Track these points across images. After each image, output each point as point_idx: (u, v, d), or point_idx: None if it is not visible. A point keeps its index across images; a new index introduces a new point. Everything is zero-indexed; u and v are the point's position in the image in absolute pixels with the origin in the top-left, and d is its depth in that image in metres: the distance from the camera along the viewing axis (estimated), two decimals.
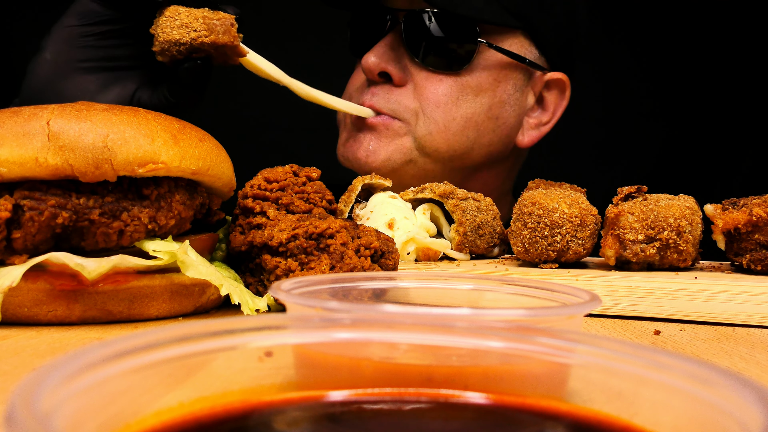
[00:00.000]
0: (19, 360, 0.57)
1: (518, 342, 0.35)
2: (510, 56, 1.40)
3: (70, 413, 0.27)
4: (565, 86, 1.49)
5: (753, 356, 0.65)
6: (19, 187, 0.69)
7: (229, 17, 0.97)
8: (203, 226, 0.85)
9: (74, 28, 1.03)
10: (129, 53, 1.05)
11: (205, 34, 0.94)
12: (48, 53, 1.03)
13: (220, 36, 0.95)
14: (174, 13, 0.95)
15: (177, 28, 0.95)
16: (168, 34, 0.95)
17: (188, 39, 0.94)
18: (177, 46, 0.95)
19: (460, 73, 1.38)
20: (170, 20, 0.95)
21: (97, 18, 1.03)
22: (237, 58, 1.00)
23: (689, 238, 0.92)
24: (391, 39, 1.38)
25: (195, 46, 0.95)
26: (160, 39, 0.95)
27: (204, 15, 0.95)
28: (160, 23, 0.96)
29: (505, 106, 1.44)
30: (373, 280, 0.56)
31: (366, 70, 1.37)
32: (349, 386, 0.37)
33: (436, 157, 1.41)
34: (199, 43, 0.95)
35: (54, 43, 1.04)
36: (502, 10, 1.35)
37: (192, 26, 0.95)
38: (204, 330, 0.34)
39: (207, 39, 0.95)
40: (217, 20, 0.95)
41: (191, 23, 0.95)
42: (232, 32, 0.96)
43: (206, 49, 0.96)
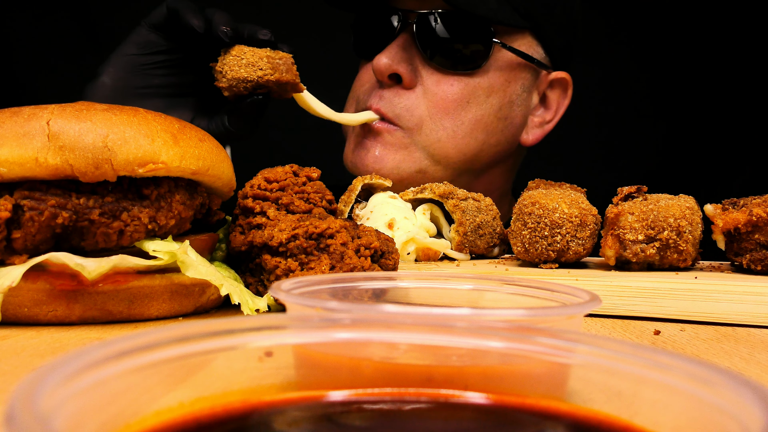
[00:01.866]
0: (19, 360, 0.57)
1: (518, 342, 0.35)
2: (521, 56, 1.41)
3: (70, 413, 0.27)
4: (567, 85, 1.51)
5: (753, 356, 0.65)
6: (19, 187, 0.69)
7: (289, 57, 1.05)
8: (203, 226, 0.85)
9: (133, 57, 1.09)
10: (185, 81, 1.12)
11: (270, 72, 1.02)
12: (107, 78, 1.09)
13: (283, 74, 1.03)
14: (240, 52, 1.03)
15: (244, 67, 1.02)
16: (236, 72, 1.02)
17: (255, 77, 1.02)
18: (244, 83, 1.03)
19: (472, 75, 1.38)
20: (237, 59, 1.02)
21: (155, 48, 1.09)
22: (293, 93, 1.09)
23: (689, 238, 0.92)
24: (403, 40, 1.37)
25: (261, 84, 1.03)
26: (228, 76, 1.03)
27: (267, 55, 1.03)
28: (227, 62, 1.03)
29: (513, 106, 1.45)
30: (373, 280, 0.56)
31: (377, 71, 1.36)
32: (349, 386, 0.37)
33: (447, 163, 1.41)
34: (265, 81, 1.03)
35: (113, 69, 1.09)
36: (512, 11, 1.36)
37: (258, 65, 1.02)
38: (204, 330, 0.34)
39: (272, 77, 1.03)
40: (280, 59, 1.03)
41: (257, 62, 1.02)
42: (294, 70, 1.05)
43: (270, 86, 1.04)
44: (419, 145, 1.38)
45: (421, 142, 1.38)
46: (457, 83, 1.38)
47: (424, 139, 1.38)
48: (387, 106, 1.37)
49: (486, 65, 1.39)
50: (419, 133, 1.38)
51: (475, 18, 1.35)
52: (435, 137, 1.38)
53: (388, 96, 1.38)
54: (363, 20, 1.47)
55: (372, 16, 1.44)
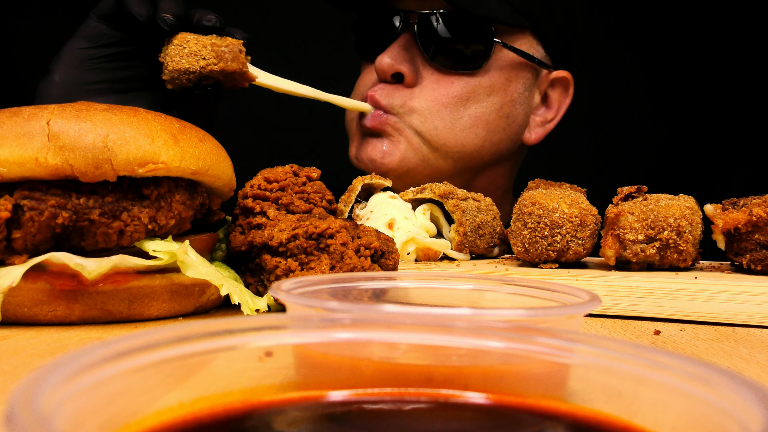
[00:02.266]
0: (19, 360, 0.57)
1: (518, 342, 0.35)
2: (522, 56, 1.41)
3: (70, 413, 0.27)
4: (569, 84, 1.51)
5: (753, 356, 0.65)
6: (19, 187, 0.69)
7: (237, 43, 0.97)
8: (203, 226, 0.85)
9: (83, 51, 1.04)
10: (138, 75, 1.06)
11: (213, 62, 0.95)
12: (57, 76, 1.04)
13: (228, 63, 0.95)
14: (182, 41, 0.96)
15: (186, 57, 0.95)
16: (177, 63, 0.95)
17: (197, 67, 0.95)
18: (186, 74, 0.95)
19: (473, 74, 1.39)
20: (179, 48, 0.95)
21: (105, 40, 1.03)
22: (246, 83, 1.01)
23: (689, 238, 0.92)
24: (405, 40, 1.38)
25: (204, 74, 0.95)
26: (170, 68, 0.96)
27: (212, 42, 0.96)
28: (168, 52, 0.96)
29: (515, 105, 1.45)
30: (373, 280, 0.56)
31: (379, 70, 1.37)
32: (349, 386, 0.37)
33: (445, 151, 1.41)
34: (209, 71, 0.95)
35: (63, 65, 1.04)
36: (513, 11, 1.37)
37: (201, 54, 0.95)
38: (204, 330, 0.34)
39: (216, 67, 0.95)
40: (225, 47, 0.96)
41: (200, 51, 0.95)
42: (241, 59, 0.97)
43: (215, 76, 0.97)
44: (413, 129, 1.38)
45: (414, 126, 1.38)
46: (458, 82, 1.38)
47: (417, 124, 1.38)
48: (383, 95, 1.38)
49: (487, 65, 1.39)
50: (411, 117, 1.38)
51: (475, 18, 1.36)
52: (431, 125, 1.38)
53: (387, 89, 1.38)
54: (364, 21, 1.48)
55: (373, 17, 1.44)
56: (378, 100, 1.37)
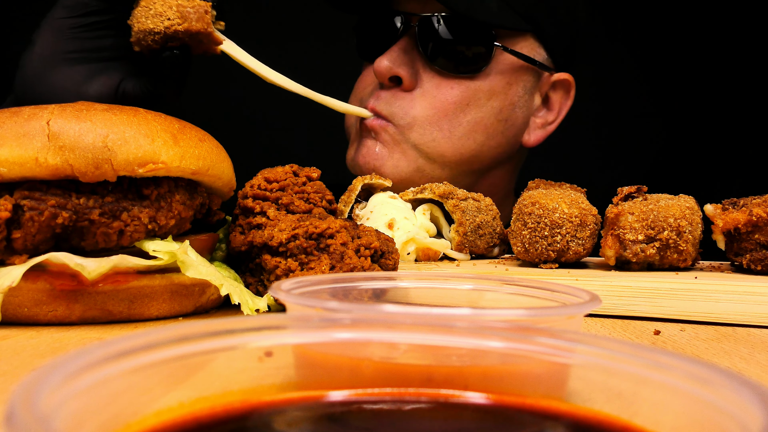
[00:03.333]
0: (19, 360, 0.57)
1: (518, 342, 0.35)
2: (523, 59, 1.40)
3: (70, 413, 0.27)
4: (570, 86, 1.51)
5: (753, 356, 0.65)
6: (19, 187, 0.69)
7: (204, 4, 0.96)
8: (203, 226, 0.85)
9: (62, 20, 1.04)
10: (114, 44, 1.06)
11: (178, 22, 0.94)
12: (37, 47, 1.05)
13: (193, 23, 0.94)
14: (149, 3, 0.95)
15: (151, 18, 0.94)
16: (143, 24, 0.95)
17: (162, 28, 0.94)
18: (151, 35, 0.95)
19: (473, 78, 1.38)
20: (145, 10, 0.95)
21: (83, 9, 1.04)
22: (214, 46, 0.99)
23: (689, 238, 0.92)
24: (405, 43, 1.37)
25: (169, 35, 0.95)
26: (135, 29, 0.96)
27: (178, 3, 0.95)
28: (135, 14, 0.96)
29: (515, 108, 1.45)
30: (373, 280, 0.56)
31: (378, 73, 1.36)
32: (349, 386, 0.37)
33: (443, 162, 1.41)
34: (173, 32, 0.94)
35: (43, 35, 1.05)
36: (514, 14, 1.36)
37: (165, 15, 0.94)
38: (204, 330, 0.34)
39: (180, 27, 0.94)
40: (191, 8, 0.95)
41: (165, 12, 0.94)
42: (206, 19, 0.95)
43: (181, 38, 0.96)
44: (411, 143, 1.38)
45: (413, 140, 1.38)
46: (457, 86, 1.38)
47: (416, 138, 1.38)
48: (383, 104, 1.37)
49: (487, 68, 1.38)
50: (411, 131, 1.38)
51: (475, 22, 1.35)
52: (430, 137, 1.38)
53: (386, 96, 1.38)
54: (365, 22, 1.47)
55: (374, 19, 1.44)
56: (379, 110, 1.37)
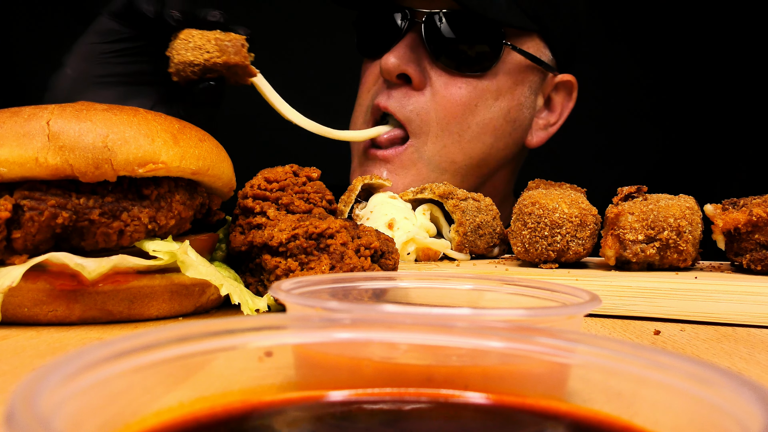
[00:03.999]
0: (19, 360, 0.57)
1: (518, 342, 0.35)
2: (530, 59, 1.40)
3: (70, 413, 0.27)
4: (572, 88, 1.50)
5: (753, 356, 0.65)
6: (19, 187, 0.69)
7: (240, 38, 1.02)
8: (203, 226, 0.85)
9: (94, 45, 1.09)
10: (145, 70, 1.10)
11: (217, 54, 1.00)
12: (69, 69, 1.09)
13: (231, 56, 1.01)
14: (188, 36, 1.01)
15: (191, 50, 1.00)
16: (183, 56, 1.00)
17: (201, 60, 1.00)
18: (191, 66, 1.01)
19: (481, 77, 1.37)
20: (184, 43, 1.00)
21: (115, 36, 1.08)
22: (248, 78, 1.06)
23: (689, 238, 0.92)
24: (411, 40, 1.35)
25: (208, 67, 1.01)
26: (175, 60, 1.01)
27: (216, 37, 1.01)
28: (174, 46, 1.01)
29: (522, 109, 1.44)
30: (373, 280, 0.56)
31: (385, 71, 1.34)
32: (349, 386, 0.37)
33: (454, 170, 1.40)
34: (212, 64, 1.01)
35: (75, 59, 1.09)
36: (521, 13, 1.35)
37: (205, 48, 1.00)
38: (204, 330, 0.34)
39: (219, 59, 1.00)
40: (229, 41, 1.01)
41: (204, 45, 1.00)
42: (243, 52, 1.02)
43: (219, 69, 1.02)
44: (425, 159, 1.37)
45: (427, 153, 1.37)
46: (466, 86, 1.36)
47: (430, 149, 1.37)
48: (397, 106, 1.35)
49: (495, 68, 1.37)
50: (426, 143, 1.36)
51: (485, 20, 1.33)
52: (441, 144, 1.37)
53: (397, 96, 1.36)
54: (366, 18, 1.45)
55: (375, 14, 1.42)
56: (393, 111, 1.35)
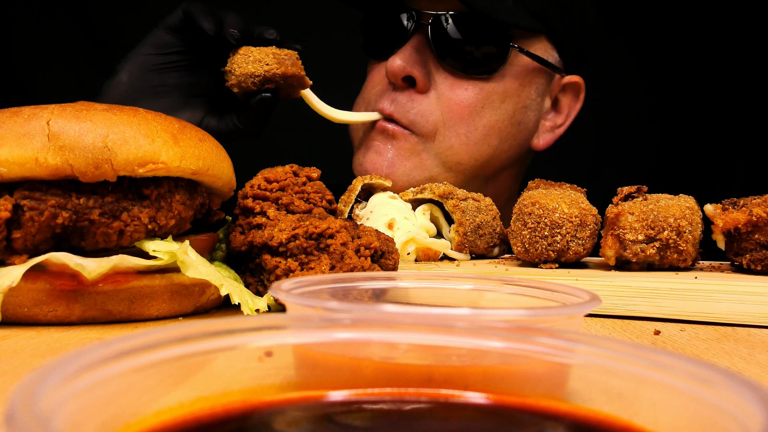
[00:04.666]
0: (19, 360, 0.57)
1: (518, 342, 0.35)
2: (538, 61, 1.39)
3: (70, 413, 0.27)
4: (580, 89, 1.49)
5: (753, 356, 0.65)
6: (19, 187, 0.69)
7: (294, 53, 1.11)
8: (203, 226, 0.85)
9: (150, 57, 1.15)
10: (198, 82, 1.17)
11: (276, 66, 1.09)
12: (125, 76, 1.14)
13: (288, 68, 1.10)
14: (247, 51, 1.10)
15: (252, 63, 1.09)
16: (244, 69, 1.09)
17: (262, 71, 1.09)
18: (252, 78, 1.09)
19: (487, 79, 1.36)
20: (245, 57, 1.09)
21: (170, 49, 1.15)
22: (300, 89, 1.15)
23: (689, 238, 0.92)
24: (417, 42, 1.34)
25: (268, 78, 1.09)
26: (237, 73, 1.09)
27: (273, 51, 1.10)
28: (235, 60, 1.10)
29: (527, 111, 1.43)
30: (373, 280, 0.56)
31: (390, 73, 1.33)
32: (349, 386, 0.37)
33: (458, 170, 1.39)
34: (272, 75, 1.09)
35: (130, 67, 1.15)
36: (529, 15, 1.34)
37: (264, 61, 1.09)
38: (204, 330, 0.34)
39: (278, 71, 1.09)
40: (285, 55, 1.10)
41: (263, 58, 1.09)
42: (299, 64, 1.11)
43: (277, 80, 1.10)
44: (432, 153, 1.37)
45: (434, 150, 1.36)
46: (472, 88, 1.35)
47: (437, 146, 1.36)
48: (400, 111, 1.34)
49: (502, 70, 1.36)
50: (433, 141, 1.36)
51: (492, 22, 1.32)
52: (447, 144, 1.36)
53: (402, 100, 1.35)
54: (373, 19, 1.44)
55: (382, 15, 1.41)
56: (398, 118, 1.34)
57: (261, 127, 1.16)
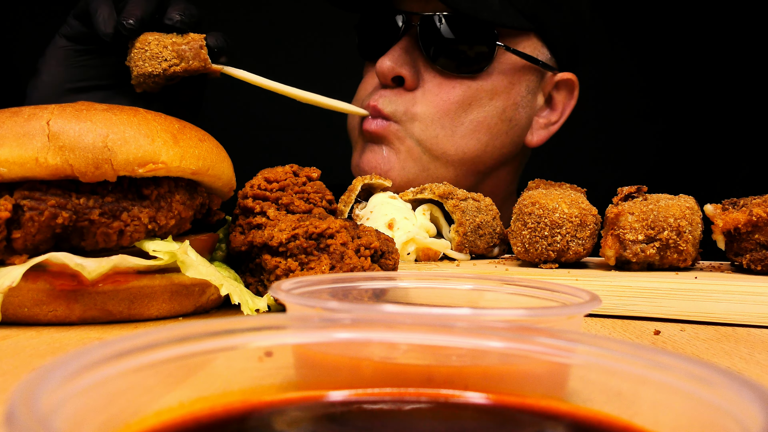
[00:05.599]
0: (19, 360, 0.57)
1: (518, 342, 0.35)
2: (525, 59, 1.40)
3: (70, 413, 0.27)
4: (573, 86, 1.50)
5: (753, 356, 0.65)
6: (19, 187, 0.69)
7: (198, 39, 0.97)
8: (203, 226, 0.85)
9: (65, 49, 1.07)
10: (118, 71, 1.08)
11: (175, 62, 0.96)
12: (45, 75, 1.08)
13: (190, 62, 0.97)
14: (144, 44, 0.96)
15: (148, 60, 0.96)
16: (140, 68, 0.97)
17: (160, 70, 0.96)
18: (151, 78, 0.97)
19: (475, 78, 1.38)
20: (141, 52, 0.96)
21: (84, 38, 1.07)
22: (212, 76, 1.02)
23: (689, 238, 0.92)
24: (406, 42, 1.37)
25: (168, 75, 0.97)
26: (134, 73, 0.98)
27: (173, 41, 0.96)
28: (132, 56, 0.98)
29: (518, 108, 1.44)
30: (373, 280, 0.56)
31: (380, 73, 1.36)
32: (349, 386, 0.37)
33: (446, 160, 1.40)
34: (171, 72, 0.97)
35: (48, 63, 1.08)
36: (516, 13, 1.36)
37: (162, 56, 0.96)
38: (204, 330, 0.34)
39: (178, 68, 0.96)
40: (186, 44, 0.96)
41: (161, 52, 0.96)
42: (202, 55, 0.97)
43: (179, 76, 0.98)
44: (414, 139, 1.38)
45: (416, 135, 1.37)
46: (459, 86, 1.37)
47: (419, 133, 1.37)
48: (386, 102, 1.37)
49: (489, 68, 1.38)
50: (412, 126, 1.37)
51: (477, 21, 1.35)
52: (432, 133, 1.38)
53: (389, 95, 1.37)
54: (367, 22, 1.47)
55: (376, 18, 1.43)
56: (380, 109, 1.36)
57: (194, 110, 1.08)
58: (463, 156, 1.41)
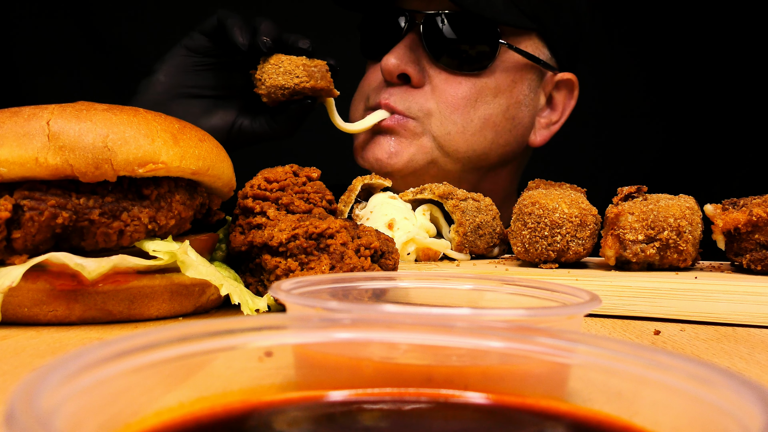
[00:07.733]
0: (19, 360, 0.57)
1: (518, 342, 0.35)
2: (527, 57, 1.41)
3: (70, 413, 0.27)
4: (573, 86, 1.51)
5: (753, 356, 0.65)
6: (19, 187, 0.69)
7: (324, 64, 1.12)
8: (203, 226, 0.85)
9: (185, 58, 1.20)
10: (231, 84, 1.22)
11: (305, 80, 1.10)
12: (162, 75, 1.19)
13: (318, 81, 1.11)
14: (278, 61, 1.11)
15: (282, 75, 1.10)
16: (274, 80, 1.10)
17: (291, 84, 1.10)
18: (281, 90, 1.11)
19: (479, 75, 1.39)
20: (275, 67, 1.10)
21: (204, 51, 1.19)
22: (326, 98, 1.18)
23: (689, 238, 0.92)
24: (410, 40, 1.38)
25: (297, 90, 1.11)
26: (267, 84, 1.11)
27: (304, 63, 1.11)
28: (266, 70, 1.11)
29: (521, 107, 1.46)
30: (373, 280, 0.56)
31: (385, 71, 1.37)
32: (349, 386, 0.37)
33: (456, 157, 1.42)
34: (301, 88, 1.11)
35: (167, 67, 1.20)
36: (519, 12, 1.37)
37: (294, 73, 1.10)
38: (204, 330, 0.34)
39: (308, 84, 1.11)
40: (315, 67, 1.11)
41: (293, 70, 1.10)
42: (328, 78, 1.13)
43: (305, 93, 1.12)
44: (430, 134, 1.39)
45: (433, 131, 1.39)
46: (465, 82, 1.39)
47: (435, 129, 1.39)
48: (397, 100, 1.38)
49: (492, 66, 1.39)
50: (430, 122, 1.39)
51: (481, 19, 1.36)
52: (445, 130, 1.39)
53: (399, 93, 1.38)
54: (370, 21, 1.48)
55: (379, 17, 1.44)
56: (393, 106, 1.38)
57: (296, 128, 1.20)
58: (472, 153, 1.43)
